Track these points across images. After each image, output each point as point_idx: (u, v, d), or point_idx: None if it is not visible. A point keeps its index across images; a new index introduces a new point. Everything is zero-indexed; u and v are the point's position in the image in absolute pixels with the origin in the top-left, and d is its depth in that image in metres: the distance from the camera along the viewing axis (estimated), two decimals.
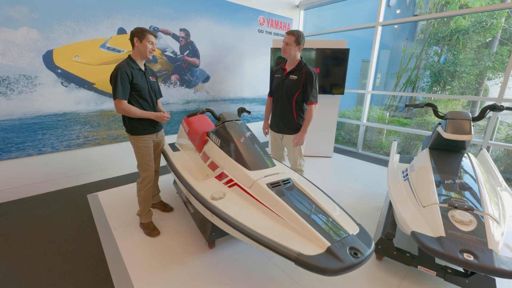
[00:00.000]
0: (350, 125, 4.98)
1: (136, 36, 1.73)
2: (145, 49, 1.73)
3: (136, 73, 1.76)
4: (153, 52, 1.78)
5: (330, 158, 3.98)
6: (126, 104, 1.72)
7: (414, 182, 1.70)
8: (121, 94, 1.68)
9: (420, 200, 1.52)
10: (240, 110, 2.16)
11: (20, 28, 2.33)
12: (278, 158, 2.37)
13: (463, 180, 1.54)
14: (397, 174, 1.95)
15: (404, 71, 6.95)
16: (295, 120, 2.09)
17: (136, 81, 1.74)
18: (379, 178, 3.23)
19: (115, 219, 2.19)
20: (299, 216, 1.20)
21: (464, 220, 1.27)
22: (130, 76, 1.71)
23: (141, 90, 1.78)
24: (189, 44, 3.49)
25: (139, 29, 1.73)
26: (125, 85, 1.69)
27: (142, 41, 1.72)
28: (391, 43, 7.96)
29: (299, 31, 1.95)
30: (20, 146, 2.48)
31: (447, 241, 1.19)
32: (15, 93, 2.39)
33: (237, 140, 1.72)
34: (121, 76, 1.67)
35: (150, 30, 1.75)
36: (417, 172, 1.76)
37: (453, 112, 1.83)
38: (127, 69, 1.70)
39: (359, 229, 1.23)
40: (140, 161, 1.90)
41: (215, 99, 3.99)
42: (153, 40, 1.76)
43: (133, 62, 1.77)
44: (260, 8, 4.18)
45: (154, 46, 1.76)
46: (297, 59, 2.04)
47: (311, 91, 1.99)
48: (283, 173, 1.57)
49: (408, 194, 1.64)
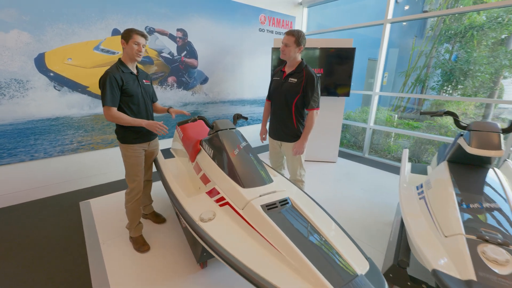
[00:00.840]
0: (355, 127, 4.78)
1: (122, 37, 1.62)
2: (132, 51, 1.62)
3: (127, 77, 1.65)
4: (140, 53, 1.64)
5: (334, 163, 3.81)
6: (116, 111, 1.61)
7: (432, 204, 1.46)
8: (109, 101, 1.57)
9: (441, 227, 1.28)
10: (236, 116, 2.01)
11: (11, 31, 2.26)
12: (277, 167, 2.24)
13: (492, 203, 1.29)
14: (411, 190, 1.72)
15: (413, 70, 6.68)
16: (295, 126, 1.94)
17: (127, 86, 1.63)
18: (387, 186, 3.05)
19: (105, 231, 2.09)
20: (298, 250, 1.04)
21: (499, 259, 1.03)
22: (120, 81, 1.60)
23: (133, 95, 1.66)
24: (187, 44, 3.38)
25: (126, 30, 1.62)
26: (114, 92, 1.58)
27: (128, 42, 1.61)
28: (398, 41, 7.68)
29: (299, 31, 1.80)
30: (12, 152, 2.42)
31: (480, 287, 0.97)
32: (6, 97, 2.33)
33: (230, 151, 1.57)
34: (110, 82, 1.56)
35: (138, 30, 1.63)
36: (435, 191, 1.52)
37: (478, 122, 1.57)
38: (116, 74, 1.59)
39: (369, 266, 1.06)
40: (128, 171, 1.79)
41: (213, 101, 3.87)
42: (140, 40, 1.62)
43: (123, 66, 1.66)
44: (261, 6, 4.04)
45: (140, 47, 1.62)
46: (297, 61, 1.89)
47: (312, 95, 1.84)
48: (280, 192, 1.41)
49: (426, 218, 1.40)
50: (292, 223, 1.21)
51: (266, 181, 1.47)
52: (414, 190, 1.72)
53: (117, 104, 1.62)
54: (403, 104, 6.85)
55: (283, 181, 1.68)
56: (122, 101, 1.65)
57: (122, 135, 1.72)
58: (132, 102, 1.68)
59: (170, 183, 1.73)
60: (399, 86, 7.35)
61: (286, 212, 1.27)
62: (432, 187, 1.58)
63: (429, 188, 1.60)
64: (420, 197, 1.61)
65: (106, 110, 1.59)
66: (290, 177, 2.14)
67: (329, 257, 1.05)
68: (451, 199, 1.37)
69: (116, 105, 1.61)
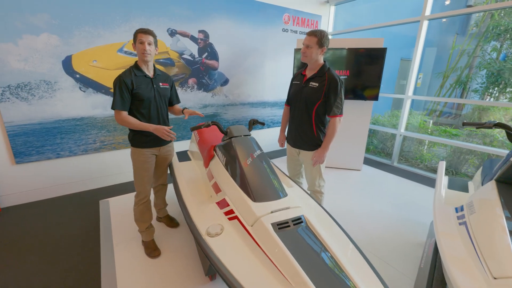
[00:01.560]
0: (384, 132, 4.43)
1: (133, 40, 1.59)
2: (138, 52, 1.56)
3: (140, 80, 1.60)
4: (146, 52, 1.54)
5: (359, 171, 3.54)
6: (125, 115, 1.59)
7: (476, 233, 1.20)
8: (119, 104, 1.55)
9: (488, 265, 1.04)
10: (252, 122, 1.87)
11: (41, 35, 2.36)
12: (295, 175, 2.09)
13: None
14: (448, 212, 1.46)
15: (452, 71, 6.06)
16: (315, 134, 1.78)
17: (138, 89, 1.58)
18: (419, 201, 2.74)
19: (120, 232, 2.10)
20: (307, 278, 0.91)
21: None
22: (130, 85, 1.56)
23: (144, 99, 1.62)
24: (208, 46, 3.34)
25: (134, 32, 1.57)
26: (124, 96, 1.55)
27: (135, 43, 1.57)
28: (436, 39, 7.04)
29: (322, 31, 1.64)
30: (40, 150, 2.54)
31: None
32: (36, 98, 2.45)
33: (243, 160, 1.45)
34: (119, 86, 1.54)
35: (141, 28, 1.56)
36: (481, 218, 1.25)
37: None
38: (127, 78, 1.56)
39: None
40: (134, 174, 1.75)
41: (233, 103, 3.80)
42: (143, 38, 1.52)
43: (137, 69, 1.62)
44: (285, 5, 3.88)
45: (145, 45, 1.53)
46: (319, 64, 1.73)
47: (335, 101, 1.67)
48: (294, 208, 1.26)
49: (468, 250, 1.16)
50: (304, 245, 1.07)
51: (280, 195, 1.33)
52: (453, 212, 1.46)
53: (127, 108, 1.59)
54: (439, 107, 6.26)
55: (299, 194, 1.53)
56: (133, 105, 1.61)
57: (132, 137, 1.70)
58: (142, 107, 1.63)
59: (182, 190, 1.66)
60: (434, 89, 6.74)
61: (298, 232, 1.14)
62: (476, 211, 1.31)
63: (472, 213, 1.33)
64: (461, 222, 1.35)
65: (116, 114, 1.58)
66: (308, 187, 1.98)
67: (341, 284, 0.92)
68: (501, 229, 1.11)
69: (126, 109, 1.58)
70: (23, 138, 2.45)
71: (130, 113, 1.63)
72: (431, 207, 2.55)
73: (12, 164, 2.46)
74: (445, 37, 6.99)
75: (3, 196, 2.47)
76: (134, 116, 1.63)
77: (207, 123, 1.66)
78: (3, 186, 2.46)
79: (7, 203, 2.50)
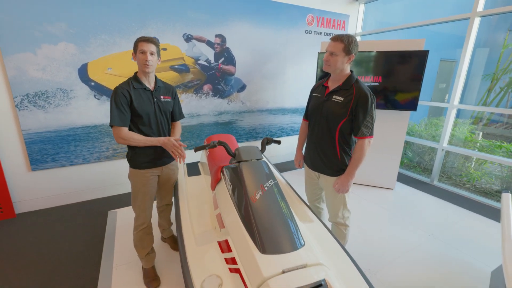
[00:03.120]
0: (421, 144, 3.91)
1: (133, 50, 1.43)
2: (139, 62, 1.40)
3: (138, 93, 1.44)
4: (148, 63, 1.37)
5: (391, 190, 3.11)
6: (126, 132, 1.41)
7: None
8: (117, 120, 1.38)
9: None
10: (266, 141, 1.57)
11: (59, 44, 2.37)
12: (315, 201, 1.80)
13: None
14: None
15: (504, 72, 5.27)
16: (338, 157, 1.50)
17: (135, 103, 1.41)
18: (471, 235, 2.25)
19: (122, 250, 1.98)
20: None
21: None
22: (128, 97, 1.40)
23: (142, 115, 1.44)
24: (225, 51, 3.18)
25: (135, 40, 1.41)
26: (123, 110, 1.38)
27: (136, 53, 1.41)
28: (483, 37, 6.22)
29: (349, 36, 1.36)
30: (54, 157, 2.55)
31: None
32: (52, 106, 2.46)
33: (251, 193, 1.19)
34: (116, 99, 1.37)
35: (143, 36, 1.40)
36: None
37: None
38: (124, 90, 1.40)
39: None
40: (132, 197, 1.58)
41: (251, 110, 3.59)
42: (144, 47, 1.36)
43: (136, 81, 1.45)
44: (309, 5, 3.61)
45: (146, 55, 1.37)
46: (345, 74, 1.44)
47: (364, 119, 1.38)
48: (313, 267, 0.96)
49: None
50: None
51: (296, 244, 1.04)
52: None
53: (128, 123, 1.43)
54: (486, 114, 5.46)
55: (321, 236, 1.24)
56: (131, 121, 1.45)
57: (131, 157, 1.52)
58: (141, 123, 1.46)
59: (183, 218, 1.44)
60: (480, 92, 5.92)
61: None
62: None
63: None
64: None
65: (115, 131, 1.40)
66: (329, 218, 1.68)
67: None
68: None
69: (126, 124, 1.41)
70: (39, 145, 2.47)
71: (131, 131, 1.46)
72: (491, 247, 2.08)
73: (28, 171, 2.49)
74: (494, 34, 6.14)
75: (19, 202, 2.51)
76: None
77: (212, 143, 1.44)
78: (19, 193, 2.49)
79: (22, 209, 2.53)
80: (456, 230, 2.31)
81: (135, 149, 1.48)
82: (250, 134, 3.68)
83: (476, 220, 2.49)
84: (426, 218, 2.50)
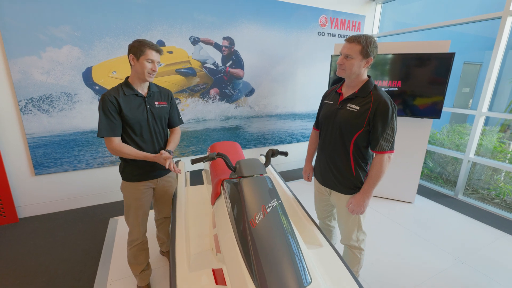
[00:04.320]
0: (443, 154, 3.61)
1: (132, 52, 1.29)
2: (143, 70, 1.28)
3: (129, 100, 1.32)
4: (154, 73, 1.31)
5: (410, 204, 2.85)
6: (117, 143, 1.30)
7: None
8: (107, 130, 1.27)
9: None
10: (271, 153, 1.40)
11: (64, 47, 2.33)
12: (325, 218, 1.62)
13: None
14: None
15: None
16: (352, 173, 1.32)
17: (125, 111, 1.30)
18: (504, 258, 2.00)
19: (119, 263, 1.87)
20: None
21: None
22: (117, 105, 1.28)
23: (133, 123, 1.33)
24: (233, 53, 3.06)
25: (137, 42, 1.28)
26: (112, 118, 1.27)
27: (139, 59, 1.28)
28: None
29: (368, 37, 1.19)
30: (58, 162, 2.51)
31: None
32: (56, 110, 2.42)
33: (251, 216, 1.03)
34: (104, 107, 1.26)
35: (151, 43, 1.29)
36: None
37: None
38: (113, 97, 1.28)
39: None
40: (126, 212, 1.46)
41: (259, 114, 3.45)
42: (155, 57, 1.28)
43: (127, 87, 1.33)
44: (322, 6, 3.44)
45: (155, 65, 1.29)
46: (362, 80, 1.28)
47: (384, 131, 1.20)
48: None
49: None
50: None
51: (301, 283, 0.87)
52: None
53: (119, 132, 1.31)
54: None
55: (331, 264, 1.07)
56: (123, 130, 1.34)
57: (124, 169, 1.41)
58: (133, 133, 1.34)
59: (178, 236, 1.30)
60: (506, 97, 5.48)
61: None
62: None
63: None
64: None
65: (106, 142, 1.30)
66: (342, 239, 1.49)
67: None
68: None
69: (117, 134, 1.30)
70: (43, 150, 2.44)
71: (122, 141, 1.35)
72: None
73: (32, 175, 2.46)
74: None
75: (22, 206, 2.48)
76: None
77: (211, 155, 1.29)
78: (23, 197, 2.47)
79: (25, 213, 2.50)
80: (487, 254, 2.05)
81: (127, 160, 1.37)
82: (258, 140, 3.54)
83: (510, 242, 2.21)
84: (451, 238, 2.24)
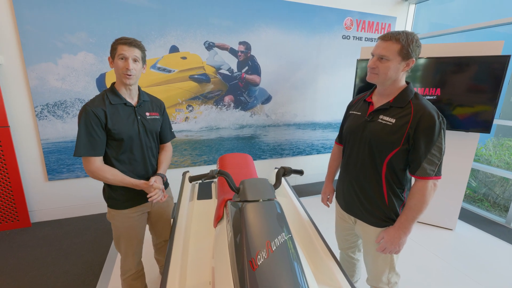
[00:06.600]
0: (490, 173, 3.11)
1: (110, 54, 1.13)
2: (118, 71, 1.09)
3: (117, 110, 1.13)
4: (129, 72, 1.08)
5: (450, 231, 2.44)
6: (99, 165, 1.09)
7: None
8: (86, 148, 1.05)
9: None
10: (282, 172, 1.16)
11: (79, 53, 2.33)
12: (348, 249, 1.36)
13: None
14: None
15: None
16: (385, 202, 1.05)
17: (112, 123, 1.10)
18: None
19: (118, 284, 1.74)
20: None
21: None
22: (103, 117, 1.09)
23: (123, 137, 1.12)
24: (249, 59, 2.91)
25: (113, 42, 1.11)
26: (94, 134, 1.06)
27: (114, 58, 1.10)
28: None
29: (408, 34, 0.95)
30: (70, 168, 2.50)
31: None
32: (70, 116, 2.42)
33: (252, 254, 0.82)
34: (87, 121, 1.05)
35: (124, 37, 1.10)
36: None
37: None
38: (98, 108, 1.07)
39: None
40: (115, 241, 1.28)
41: (276, 123, 3.24)
42: (126, 52, 1.06)
43: (113, 94, 1.14)
44: (348, 7, 3.17)
45: (128, 62, 1.06)
46: (399, 87, 1.02)
47: (428, 152, 0.93)
48: None
49: None
50: None
51: None
52: None
53: (102, 151, 1.11)
54: None
55: None
56: (108, 147, 1.13)
57: (108, 195, 1.20)
58: (122, 150, 1.14)
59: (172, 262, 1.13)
60: None
61: None
62: None
63: None
64: None
65: (84, 163, 1.09)
66: (368, 279, 1.22)
67: None
68: None
69: (98, 153, 1.09)
70: (56, 155, 2.44)
71: (105, 160, 1.15)
72: None
73: (45, 180, 2.47)
74: None
75: (35, 211, 2.49)
76: (111, 164, 1.14)
77: (211, 173, 1.09)
78: (36, 202, 2.48)
79: (37, 218, 2.52)
80: None
81: (118, 186, 1.17)
82: (275, 150, 3.32)
83: None
84: (502, 276, 1.83)
